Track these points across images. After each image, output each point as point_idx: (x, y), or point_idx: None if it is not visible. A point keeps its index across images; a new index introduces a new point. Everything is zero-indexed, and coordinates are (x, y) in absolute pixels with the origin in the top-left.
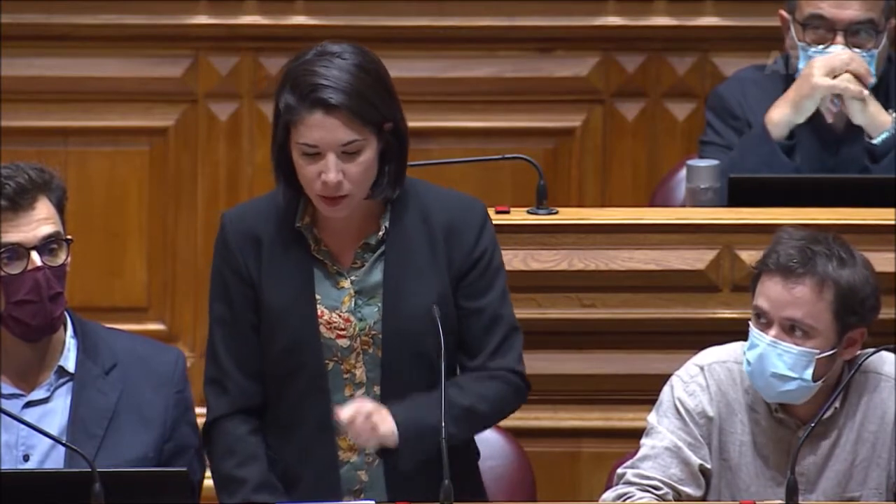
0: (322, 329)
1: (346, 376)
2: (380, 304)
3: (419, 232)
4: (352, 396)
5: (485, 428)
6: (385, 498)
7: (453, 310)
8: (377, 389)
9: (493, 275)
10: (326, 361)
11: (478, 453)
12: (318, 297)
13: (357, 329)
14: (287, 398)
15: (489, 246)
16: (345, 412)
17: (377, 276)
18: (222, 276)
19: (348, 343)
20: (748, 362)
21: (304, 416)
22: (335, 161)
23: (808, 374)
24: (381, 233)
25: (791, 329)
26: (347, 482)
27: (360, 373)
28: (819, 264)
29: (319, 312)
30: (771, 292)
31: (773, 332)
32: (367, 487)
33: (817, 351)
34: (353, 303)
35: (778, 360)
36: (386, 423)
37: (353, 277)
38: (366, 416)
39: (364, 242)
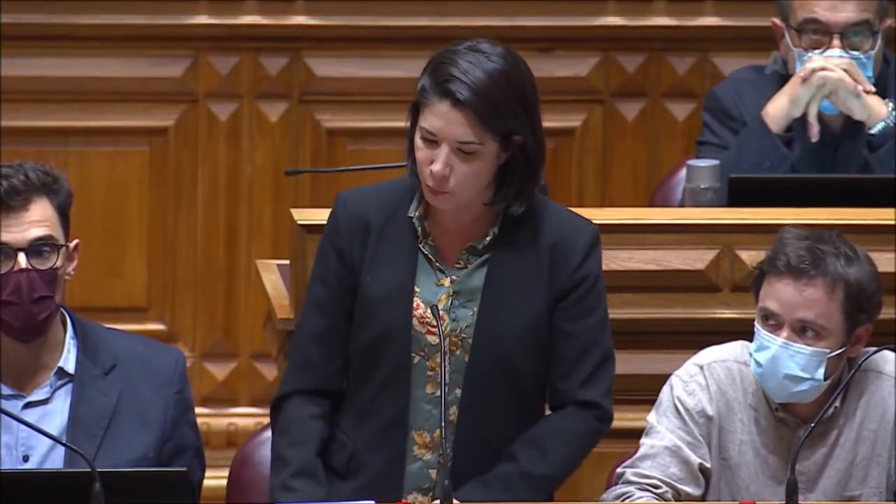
0: (415, 322)
1: (430, 373)
2: (475, 309)
3: (526, 246)
4: (433, 394)
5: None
6: None
7: (547, 328)
8: (458, 392)
9: (594, 300)
10: (413, 355)
11: None
12: (416, 289)
13: (448, 329)
14: (369, 385)
15: (594, 271)
16: None
17: (478, 280)
18: (325, 255)
19: (437, 341)
20: (758, 364)
21: (382, 405)
22: (447, 154)
23: (820, 373)
24: (488, 238)
25: (802, 330)
26: (418, 479)
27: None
28: (829, 264)
29: (415, 305)
30: (781, 294)
31: (784, 333)
32: (437, 486)
33: (828, 350)
34: (449, 302)
35: (790, 361)
36: None
37: (453, 277)
38: None
39: (470, 245)
